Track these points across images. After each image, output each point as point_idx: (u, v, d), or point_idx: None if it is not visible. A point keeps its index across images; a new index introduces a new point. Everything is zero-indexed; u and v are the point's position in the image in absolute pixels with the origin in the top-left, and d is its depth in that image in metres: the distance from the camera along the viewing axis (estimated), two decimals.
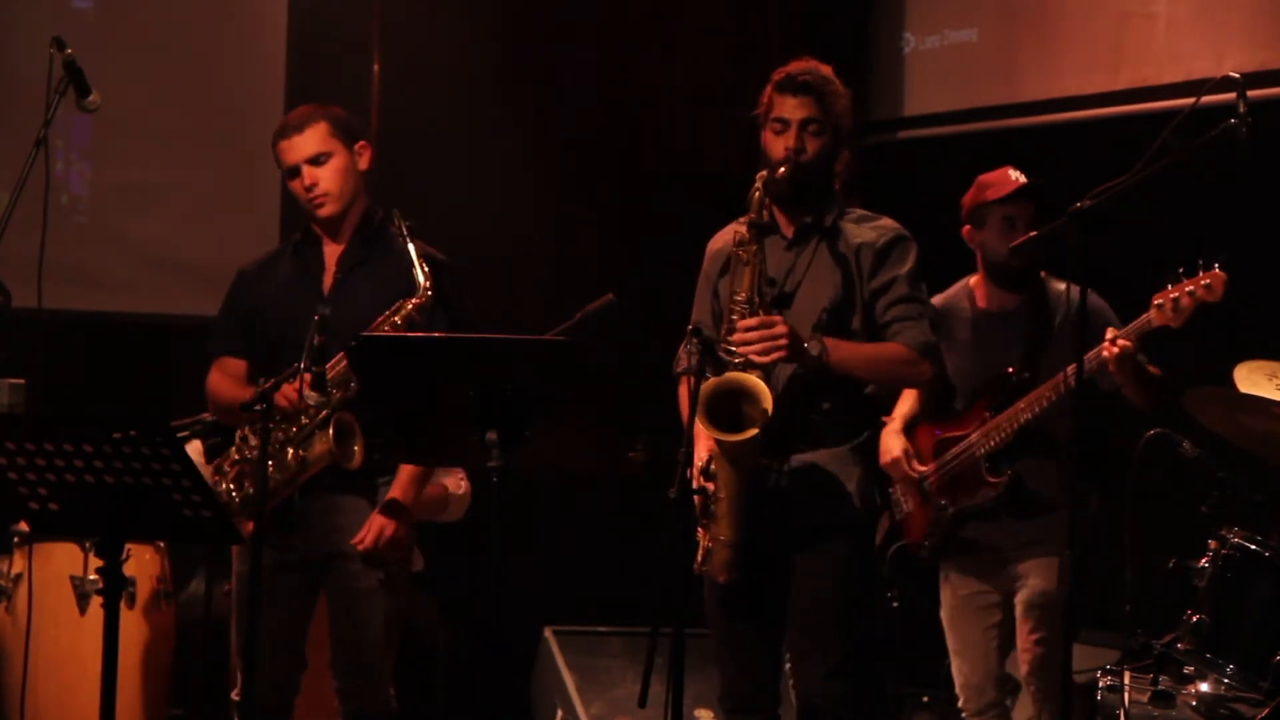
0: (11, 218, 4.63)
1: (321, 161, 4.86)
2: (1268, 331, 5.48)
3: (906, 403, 5.25)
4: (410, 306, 4.71)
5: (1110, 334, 4.78)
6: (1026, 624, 5.05)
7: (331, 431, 4.70)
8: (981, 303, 5.16)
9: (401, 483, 4.80)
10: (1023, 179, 5.06)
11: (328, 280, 4.91)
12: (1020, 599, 5.06)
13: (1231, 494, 4.74)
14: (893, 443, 5.18)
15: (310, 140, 4.86)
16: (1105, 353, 4.75)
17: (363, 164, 4.92)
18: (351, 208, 4.91)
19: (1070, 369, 4.66)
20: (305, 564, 4.85)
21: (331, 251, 4.94)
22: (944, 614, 5.22)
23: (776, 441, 4.42)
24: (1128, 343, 4.75)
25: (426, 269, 4.69)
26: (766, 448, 4.39)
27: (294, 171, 4.88)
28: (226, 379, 4.94)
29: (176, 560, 5.66)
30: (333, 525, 4.81)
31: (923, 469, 5.13)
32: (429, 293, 4.69)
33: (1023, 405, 4.95)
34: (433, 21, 6.90)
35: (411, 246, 4.69)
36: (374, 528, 4.75)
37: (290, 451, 4.75)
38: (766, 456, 4.42)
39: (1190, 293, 4.64)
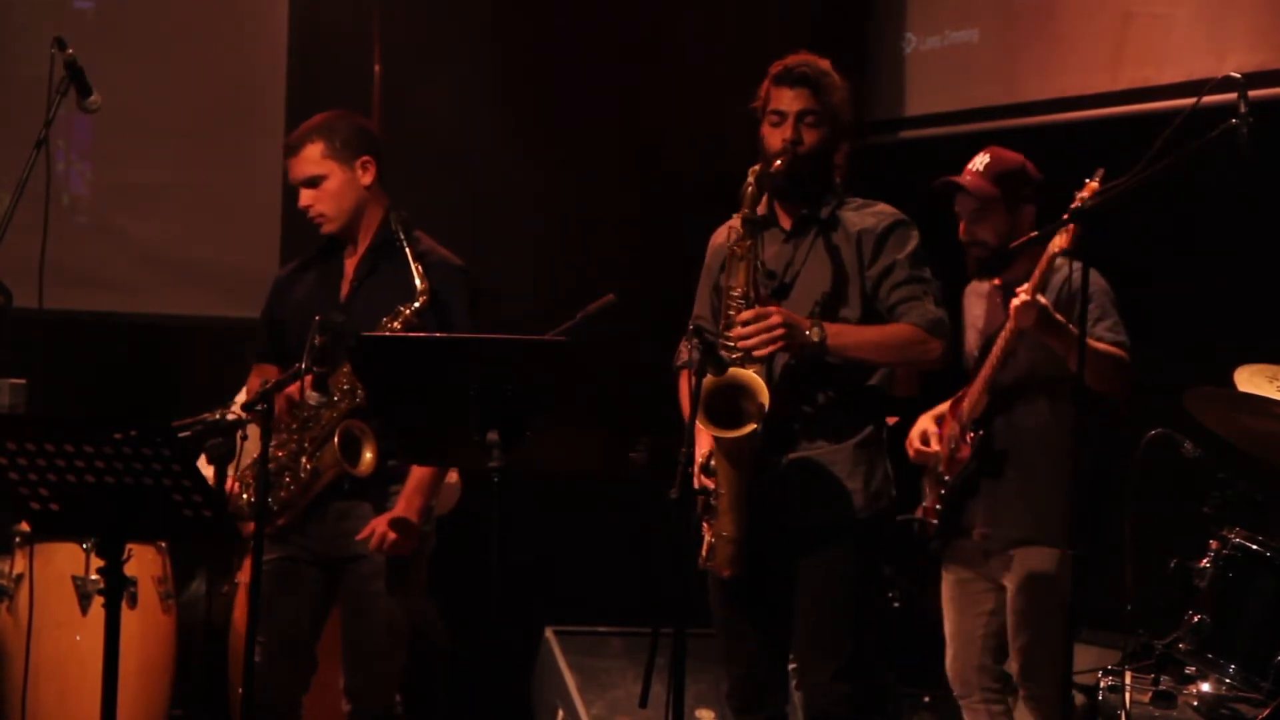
0: (12, 218, 4.64)
1: (316, 184, 4.92)
2: (1268, 332, 5.48)
3: None
4: (408, 311, 4.74)
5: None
6: (1012, 627, 4.98)
7: (336, 440, 4.72)
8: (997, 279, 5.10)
9: (405, 497, 4.83)
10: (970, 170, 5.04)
11: (345, 288, 4.95)
12: (1008, 598, 5.00)
13: (1232, 494, 4.74)
14: (915, 428, 5.12)
15: (304, 164, 4.92)
16: (1010, 307, 4.69)
17: (365, 179, 4.94)
18: (359, 220, 4.95)
19: (1010, 321, 4.68)
20: (322, 563, 4.90)
21: (353, 259, 4.99)
22: (943, 599, 5.18)
23: (775, 435, 4.41)
24: (1027, 295, 4.65)
25: (422, 271, 4.72)
26: (766, 441, 4.38)
27: (296, 189, 4.96)
28: (260, 384, 4.95)
29: (177, 561, 5.66)
30: (344, 530, 4.86)
31: (936, 449, 5.08)
32: (424, 296, 4.72)
33: (986, 366, 4.91)
34: (433, 21, 6.89)
35: (408, 249, 4.72)
36: (377, 535, 4.78)
37: (303, 461, 4.77)
38: (766, 451, 4.41)
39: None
